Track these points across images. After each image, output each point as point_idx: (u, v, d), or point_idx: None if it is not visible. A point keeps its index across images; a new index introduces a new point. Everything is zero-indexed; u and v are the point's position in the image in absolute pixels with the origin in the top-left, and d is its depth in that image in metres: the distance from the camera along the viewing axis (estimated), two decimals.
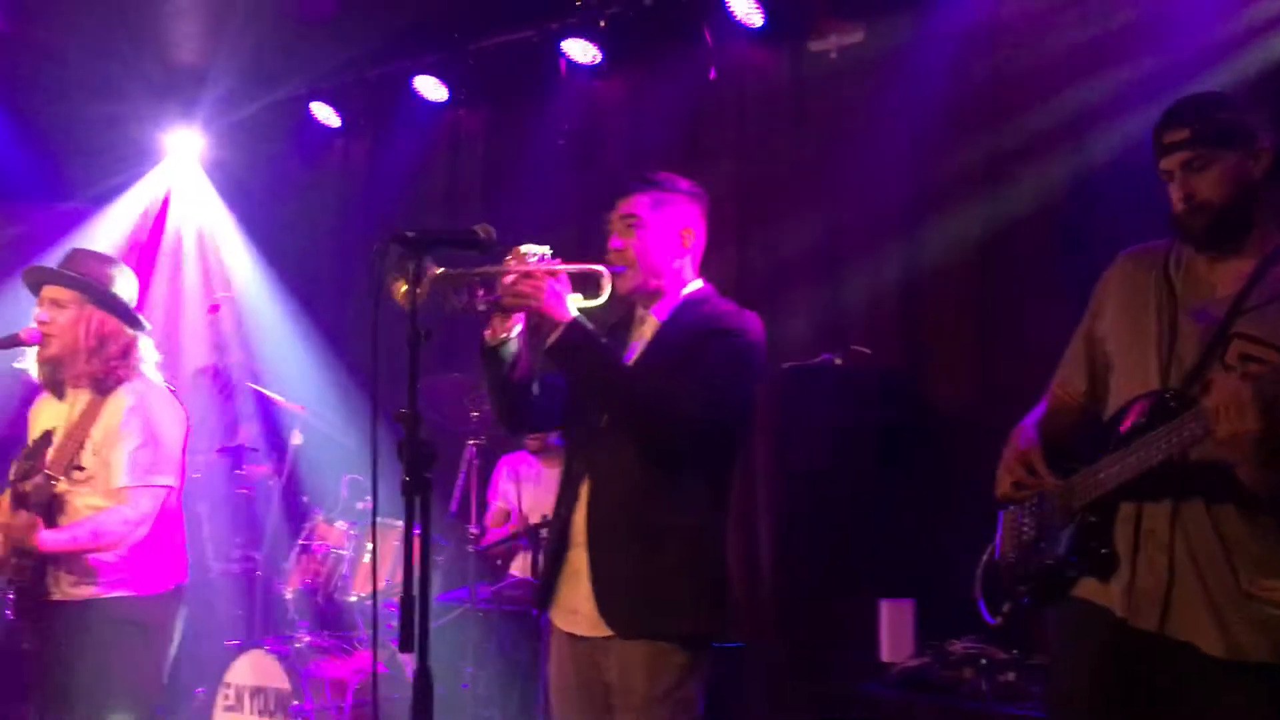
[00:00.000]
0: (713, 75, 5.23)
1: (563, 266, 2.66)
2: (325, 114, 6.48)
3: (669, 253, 2.80)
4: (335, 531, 4.84)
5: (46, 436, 3.22)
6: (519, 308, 2.63)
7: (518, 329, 2.72)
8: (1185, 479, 2.31)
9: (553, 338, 2.61)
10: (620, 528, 2.67)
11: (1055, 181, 4.34)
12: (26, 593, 3.19)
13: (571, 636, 2.76)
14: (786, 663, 4.38)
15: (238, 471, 5.61)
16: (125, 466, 3.23)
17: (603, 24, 5.47)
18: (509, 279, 2.63)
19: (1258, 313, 2.31)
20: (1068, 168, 4.32)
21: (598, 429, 2.74)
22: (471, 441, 4.74)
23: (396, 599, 2.14)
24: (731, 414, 2.72)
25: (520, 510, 5.23)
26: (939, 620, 4.00)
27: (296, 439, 5.20)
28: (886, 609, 4.17)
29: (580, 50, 5.56)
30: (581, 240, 2.78)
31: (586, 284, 2.73)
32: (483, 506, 4.98)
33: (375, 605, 2.21)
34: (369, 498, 4.87)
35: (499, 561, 5.02)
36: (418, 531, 2.22)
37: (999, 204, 4.47)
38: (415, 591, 2.17)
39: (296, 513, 5.20)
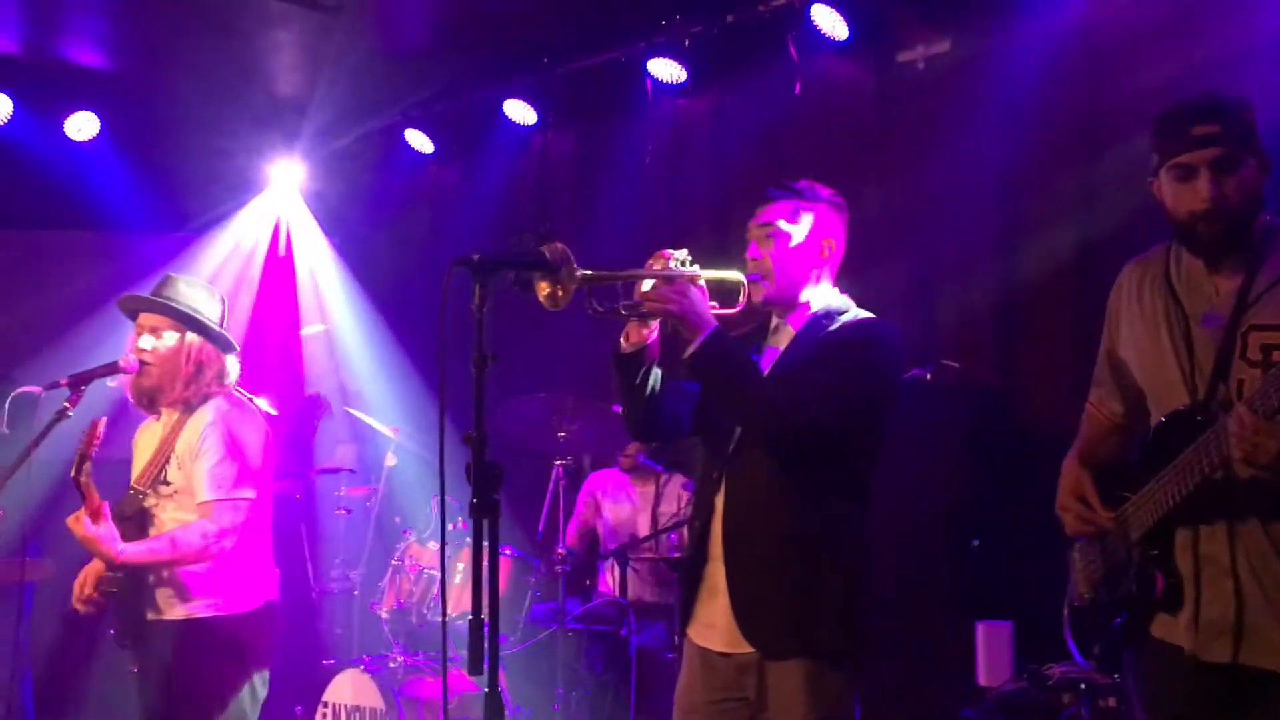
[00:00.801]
0: (798, 89, 5.18)
1: (702, 273, 2.64)
2: (419, 141, 6.61)
3: (807, 263, 2.76)
4: (427, 552, 4.89)
5: (93, 426, 3.24)
6: (660, 313, 2.60)
7: (652, 335, 2.70)
8: (1234, 496, 2.19)
9: (692, 346, 2.58)
10: (756, 540, 2.63)
11: None
12: (126, 610, 3.29)
13: (708, 652, 2.70)
14: (878, 685, 4.28)
15: (336, 493, 5.74)
16: (206, 481, 3.31)
17: (687, 43, 5.47)
18: (650, 284, 2.61)
19: (1263, 301, 2.21)
20: None
21: (732, 438, 2.70)
22: (559, 462, 4.75)
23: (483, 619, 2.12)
24: (864, 423, 2.67)
25: (607, 528, 5.23)
26: (1037, 643, 3.86)
27: (390, 461, 5.29)
28: (983, 631, 4.04)
29: (665, 69, 5.57)
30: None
31: (723, 292, 2.71)
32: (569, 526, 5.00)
33: (445, 626, 2.22)
34: (460, 519, 4.92)
35: (587, 581, 5.02)
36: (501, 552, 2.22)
37: (1096, 213, 4.32)
38: (485, 614, 2.18)
39: (390, 533, 5.28)
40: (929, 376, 4.34)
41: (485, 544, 2.23)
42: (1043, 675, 3.74)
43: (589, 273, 2.46)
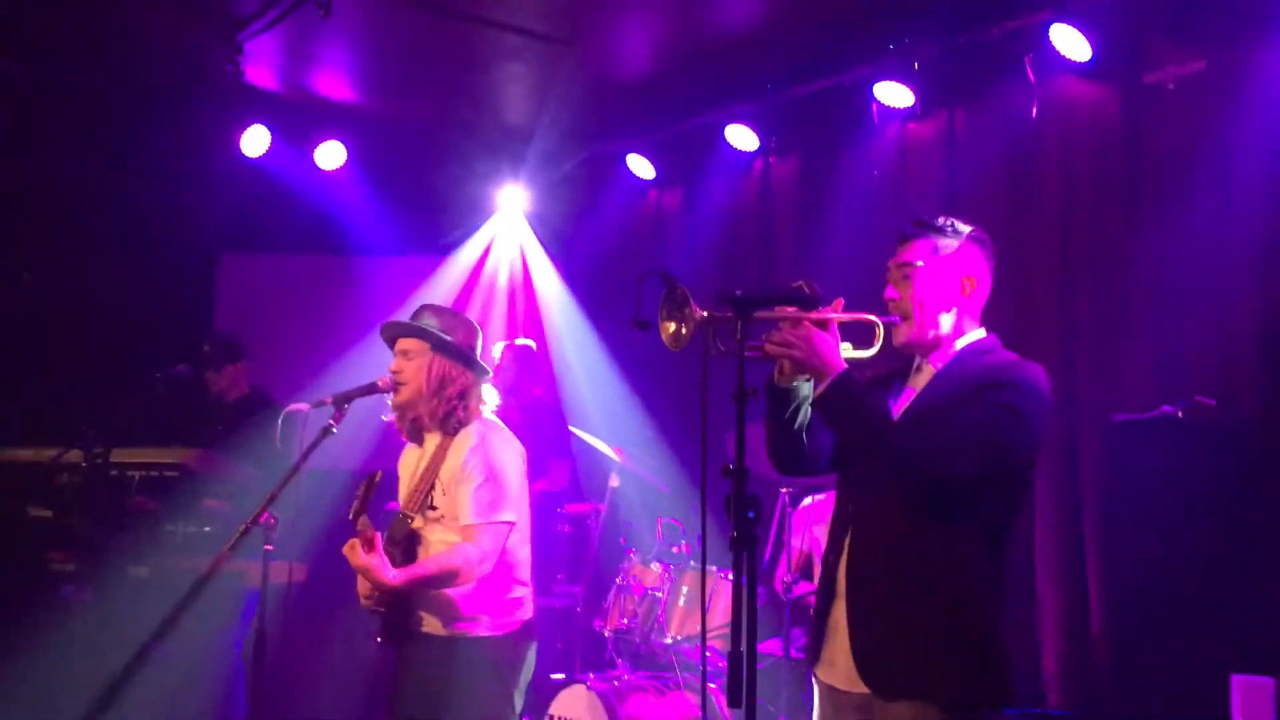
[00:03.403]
0: (1035, 113, 5.02)
1: (834, 315, 2.61)
2: (640, 166, 6.74)
3: (947, 302, 2.70)
4: (651, 573, 4.95)
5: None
6: (783, 357, 2.59)
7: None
8: None
9: (818, 390, 2.57)
10: (878, 580, 2.60)
11: None
12: (392, 622, 3.47)
13: (832, 689, 2.70)
14: None
15: (558, 510, 5.89)
16: (470, 505, 3.44)
17: (916, 66, 5.39)
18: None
19: None
20: None
21: (864, 478, 2.69)
22: (784, 489, 4.74)
23: (714, 642, 2.14)
24: (1003, 469, 2.58)
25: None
26: None
27: (614, 481, 5.38)
28: (1240, 686, 3.80)
29: (892, 94, 5.50)
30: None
31: (861, 334, 2.68)
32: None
33: (703, 656, 2.24)
34: (683, 541, 4.97)
35: (811, 610, 4.97)
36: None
37: None
38: (744, 646, 2.20)
39: (613, 553, 5.38)
40: (1180, 414, 4.12)
41: (745, 576, 2.27)
42: None
43: (706, 314, 2.47)
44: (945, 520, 2.55)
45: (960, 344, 2.72)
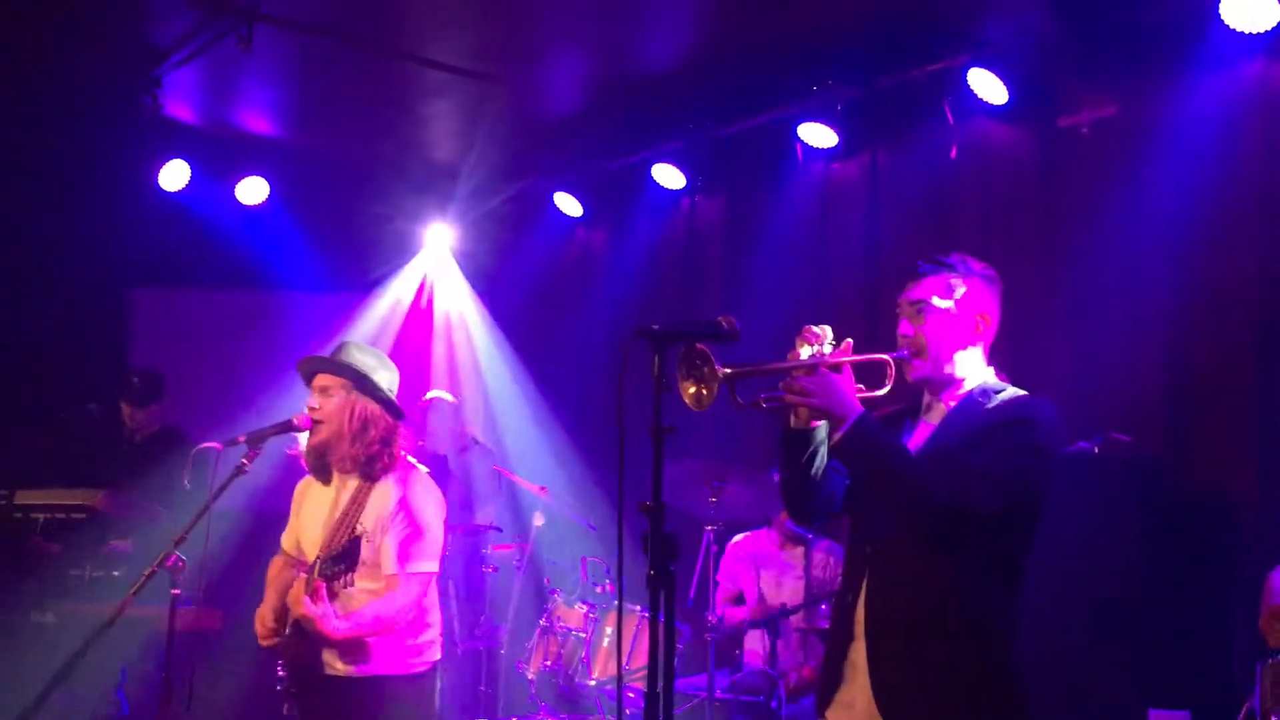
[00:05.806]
0: (954, 154, 5.11)
1: (847, 358, 2.62)
2: (568, 204, 6.74)
3: (962, 339, 2.70)
4: (575, 614, 4.89)
5: (356, 543, 3.34)
6: (801, 403, 2.58)
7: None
8: None
9: (838, 435, 2.56)
10: (901, 621, 2.58)
11: None
12: (301, 668, 3.37)
13: None
14: None
15: (483, 550, 5.80)
16: (395, 555, 3.42)
17: (839, 107, 5.46)
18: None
19: None
20: None
21: (882, 518, 2.66)
22: (709, 527, 4.71)
23: (636, 683, 2.10)
24: (1024, 504, 2.58)
25: (759, 594, 5.15)
26: None
27: (538, 520, 5.32)
28: None
29: (816, 134, 5.56)
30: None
31: (872, 374, 2.68)
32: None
33: (619, 697, 2.20)
34: (607, 581, 4.92)
35: (736, 651, 4.94)
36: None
37: (1276, 282, 4.13)
38: (660, 686, 2.16)
39: (537, 593, 5.30)
40: (1096, 450, 4.18)
41: (662, 615, 2.23)
42: None
43: (729, 370, 2.47)
44: (965, 557, 2.55)
45: (972, 382, 2.72)
